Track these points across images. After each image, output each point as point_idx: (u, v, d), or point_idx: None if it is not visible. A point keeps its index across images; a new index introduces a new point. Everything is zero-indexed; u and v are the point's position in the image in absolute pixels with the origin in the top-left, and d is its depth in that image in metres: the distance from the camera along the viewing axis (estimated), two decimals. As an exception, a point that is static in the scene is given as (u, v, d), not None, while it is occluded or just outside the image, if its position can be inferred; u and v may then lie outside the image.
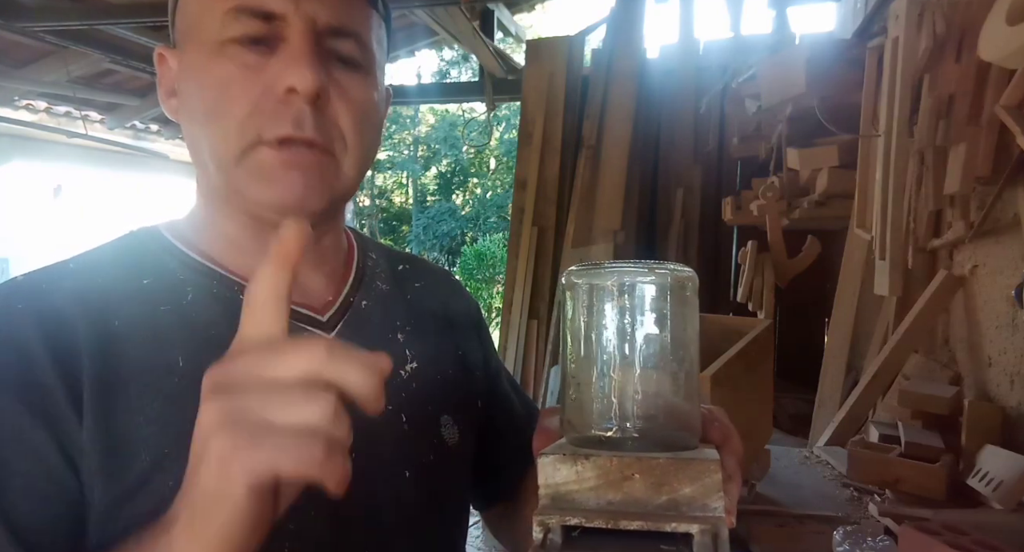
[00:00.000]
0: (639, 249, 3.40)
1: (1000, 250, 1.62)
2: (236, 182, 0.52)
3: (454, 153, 13.15)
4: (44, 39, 3.39)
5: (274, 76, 0.50)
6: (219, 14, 0.50)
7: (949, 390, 1.60)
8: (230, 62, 0.50)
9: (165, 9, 0.58)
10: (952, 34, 1.60)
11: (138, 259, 0.55)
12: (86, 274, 0.53)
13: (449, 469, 0.62)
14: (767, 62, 2.34)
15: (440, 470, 0.60)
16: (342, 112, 0.53)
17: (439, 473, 0.60)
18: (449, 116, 12.84)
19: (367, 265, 0.66)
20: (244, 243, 0.56)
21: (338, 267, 0.63)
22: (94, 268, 0.54)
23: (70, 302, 0.50)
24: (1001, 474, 1.28)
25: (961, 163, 1.55)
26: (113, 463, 0.46)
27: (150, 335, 0.50)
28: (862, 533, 1.10)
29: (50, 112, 5.50)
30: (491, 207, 12.76)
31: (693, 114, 3.37)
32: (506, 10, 4.17)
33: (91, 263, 0.54)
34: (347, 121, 0.53)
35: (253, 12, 0.50)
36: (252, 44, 0.50)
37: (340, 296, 0.60)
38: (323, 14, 0.51)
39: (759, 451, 1.42)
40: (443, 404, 0.63)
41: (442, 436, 0.61)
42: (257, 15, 0.50)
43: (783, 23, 3.30)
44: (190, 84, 0.53)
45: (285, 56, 0.50)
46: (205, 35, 0.51)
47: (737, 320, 1.58)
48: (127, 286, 0.53)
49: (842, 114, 2.01)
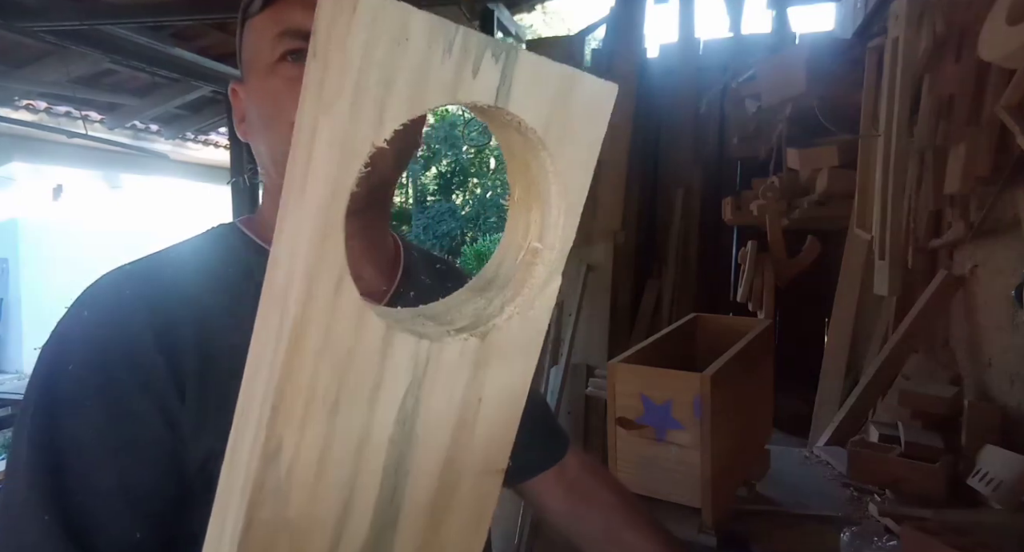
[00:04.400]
0: (639, 249, 3.40)
1: (1000, 250, 1.62)
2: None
3: (454, 153, 13.15)
4: (44, 39, 3.38)
5: None
6: (270, 40, 0.60)
7: (949, 390, 1.60)
8: (279, 78, 0.59)
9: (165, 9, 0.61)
10: (952, 34, 1.60)
11: (222, 252, 0.63)
12: (181, 264, 0.61)
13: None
14: (767, 62, 2.34)
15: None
16: None
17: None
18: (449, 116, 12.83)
19: (412, 260, 0.73)
20: None
21: (387, 260, 0.70)
22: (187, 259, 0.62)
23: (170, 289, 0.57)
24: (1001, 474, 1.28)
25: (961, 163, 1.55)
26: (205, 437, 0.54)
27: (236, 322, 0.55)
28: (869, 534, 1.10)
29: (50, 112, 5.50)
30: (491, 207, 12.74)
31: (693, 114, 3.36)
32: (506, 10, 4.17)
33: (184, 254, 0.62)
34: None
35: (296, 33, 0.59)
36: (296, 60, 0.59)
37: (393, 286, 0.68)
38: None
39: (759, 451, 1.42)
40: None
41: None
42: (297, 35, 0.59)
43: (783, 23, 3.30)
44: (251, 104, 0.63)
45: None
46: (261, 61, 0.61)
47: (737, 320, 1.58)
48: (215, 276, 0.60)
49: (842, 114, 2.01)
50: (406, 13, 0.22)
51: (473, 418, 0.29)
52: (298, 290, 0.23)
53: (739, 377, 1.21)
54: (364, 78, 0.22)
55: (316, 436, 0.26)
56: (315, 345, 0.24)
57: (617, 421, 1.17)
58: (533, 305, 0.29)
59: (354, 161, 0.23)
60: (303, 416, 0.25)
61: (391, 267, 0.70)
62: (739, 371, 1.20)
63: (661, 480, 1.15)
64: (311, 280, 0.23)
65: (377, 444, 0.28)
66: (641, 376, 1.15)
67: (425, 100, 0.23)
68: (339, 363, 0.25)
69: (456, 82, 0.23)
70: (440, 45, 0.23)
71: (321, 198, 0.23)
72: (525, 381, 0.30)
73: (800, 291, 2.89)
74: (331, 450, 0.27)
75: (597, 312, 3.12)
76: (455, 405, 0.29)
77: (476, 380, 0.29)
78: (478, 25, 3.56)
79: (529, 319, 0.29)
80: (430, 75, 0.23)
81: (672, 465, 1.13)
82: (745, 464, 1.33)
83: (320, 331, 0.24)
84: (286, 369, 0.24)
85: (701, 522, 1.13)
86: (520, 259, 0.30)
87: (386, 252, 0.71)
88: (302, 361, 0.24)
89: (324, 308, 0.24)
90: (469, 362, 0.28)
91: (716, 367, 1.10)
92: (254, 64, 0.62)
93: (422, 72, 0.23)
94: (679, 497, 1.14)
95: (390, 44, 0.22)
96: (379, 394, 0.27)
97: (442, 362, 0.28)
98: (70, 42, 3.44)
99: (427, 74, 0.23)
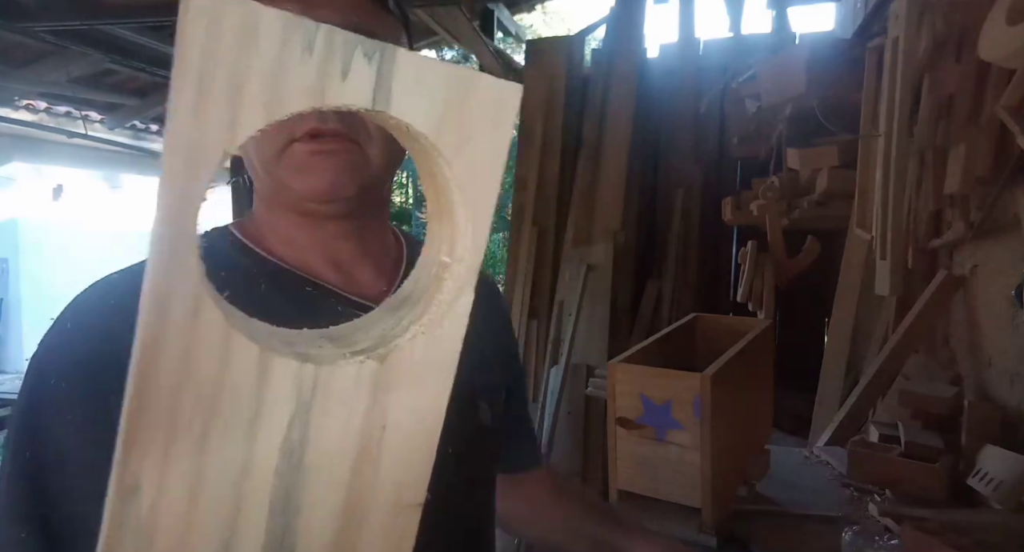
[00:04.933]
0: (639, 249, 3.40)
1: (1000, 250, 1.63)
2: (278, 178, 0.60)
3: (454, 153, 13.15)
4: (44, 39, 3.38)
5: None
6: None
7: (949, 390, 1.60)
8: None
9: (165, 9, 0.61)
10: (952, 34, 1.60)
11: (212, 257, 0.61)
12: None
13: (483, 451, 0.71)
14: (767, 62, 2.34)
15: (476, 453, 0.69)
16: None
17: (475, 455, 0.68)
18: (449, 116, 12.83)
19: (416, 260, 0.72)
20: (298, 239, 0.63)
21: (388, 261, 0.69)
22: None
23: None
24: (1001, 474, 1.28)
25: (961, 163, 1.55)
26: None
27: None
28: (870, 534, 1.10)
29: (50, 112, 5.50)
30: (491, 207, 12.75)
31: (693, 114, 3.36)
32: (506, 10, 4.17)
33: None
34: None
35: None
36: None
37: (393, 287, 0.66)
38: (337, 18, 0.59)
39: (759, 451, 1.42)
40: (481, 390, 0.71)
41: (479, 419, 0.70)
42: None
43: (783, 23, 3.30)
44: None
45: None
46: None
47: (737, 320, 1.58)
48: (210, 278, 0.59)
49: (842, 114, 2.01)
50: (252, 11, 0.20)
51: (377, 448, 0.27)
52: (146, 313, 0.21)
53: (739, 377, 1.21)
54: (207, 82, 0.20)
55: (183, 472, 0.24)
56: (171, 373, 0.22)
57: (617, 421, 1.17)
58: (442, 323, 0.27)
59: (202, 170, 0.21)
60: (164, 451, 0.23)
61: (393, 267, 0.70)
62: (739, 371, 1.20)
63: (661, 480, 1.15)
64: (160, 302, 0.21)
65: (260, 478, 0.25)
66: (641, 376, 1.15)
67: (285, 103, 0.21)
68: (204, 392, 0.23)
69: (322, 84, 0.22)
70: (297, 45, 0.21)
71: (168, 209, 0.21)
72: (439, 405, 0.28)
73: (800, 291, 2.89)
74: (203, 486, 0.25)
75: (597, 312, 3.12)
76: (353, 434, 0.26)
77: (378, 406, 0.27)
78: (478, 25, 3.55)
79: (437, 338, 0.27)
80: (288, 77, 0.21)
81: (672, 465, 1.13)
82: (745, 464, 1.33)
83: (176, 358, 0.22)
84: (137, 402, 0.22)
85: (701, 522, 1.13)
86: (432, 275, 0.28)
87: (388, 252, 0.70)
88: (156, 392, 0.22)
89: (179, 333, 0.22)
90: (368, 387, 0.26)
91: (716, 367, 1.10)
92: None
93: (278, 74, 0.21)
94: (679, 497, 1.14)
95: (235, 45, 0.20)
96: (258, 423, 0.25)
97: (333, 388, 0.26)
98: (70, 42, 3.44)
99: (284, 76, 0.21)
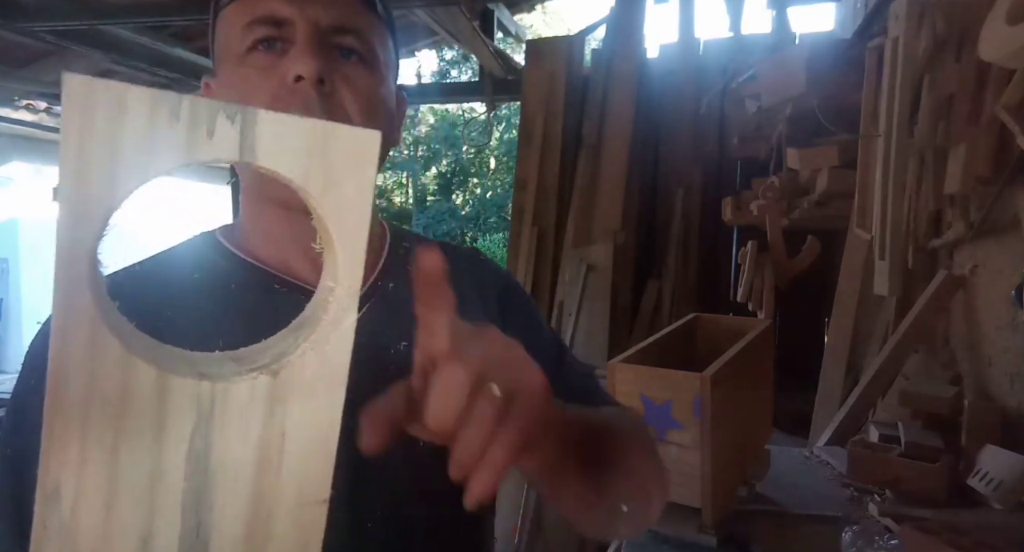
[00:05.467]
0: (639, 249, 3.40)
1: (1000, 250, 1.63)
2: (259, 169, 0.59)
3: (454, 153, 13.15)
4: (44, 39, 3.38)
5: (284, 70, 0.57)
6: (239, 30, 0.59)
7: (949, 390, 1.60)
8: (250, 67, 0.59)
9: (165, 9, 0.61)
10: (952, 34, 1.60)
11: (194, 258, 0.64)
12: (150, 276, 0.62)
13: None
14: (767, 62, 2.34)
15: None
16: (348, 99, 0.59)
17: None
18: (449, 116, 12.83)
19: (399, 253, 0.72)
20: (277, 234, 0.63)
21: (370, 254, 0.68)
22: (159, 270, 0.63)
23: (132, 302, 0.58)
24: (1001, 474, 1.28)
25: (961, 163, 1.55)
26: None
27: (196, 319, 0.58)
28: (870, 534, 1.10)
29: (50, 112, 5.50)
30: (491, 207, 12.74)
31: (693, 114, 3.36)
32: (506, 10, 4.17)
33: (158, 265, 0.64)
34: (354, 107, 0.59)
35: (265, 20, 0.58)
36: (267, 49, 0.59)
37: (369, 280, 0.66)
38: (325, 16, 0.59)
39: (759, 451, 1.42)
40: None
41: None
42: (268, 22, 0.58)
43: (783, 23, 3.30)
44: (222, 96, 0.61)
45: (293, 53, 0.58)
46: (232, 52, 0.60)
47: (737, 320, 1.58)
48: (182, 281, 0.62)
49: (842, 114, 2.01)
50: (119, 91, 0.24)
51: (279, 453, 0.31)
52: (53, 342, 0.26)
53: (739, 377, 1.21)
54: (87, 150, 0.24)
55: (98, 477, 0.28)
56: (79, 393, 0.26)
57: (617, 421, 1.17)
58: (328, 340, 0.31)
59: (89, 224, 0.25)
60: (79, 458, 0.27)
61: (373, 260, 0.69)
62: (739, 371, 1.20)
63: (661, 480, 1.15)
64: (64, 334, 0.26)
65: (171, 483, 0.29)
66: (641, 376, 1.15)
67: (158, 163, 0.25)
68: (110, 408, 0.27)
69: (191, 144, 0.26)
70: (164, 114, 0.25)
71: (62, 257, 0.25)
72: (333, 414, 0.32)
73: (800, 291, 2.89)
74: (118, 490, 0.28)
75: (597, 312, 3.12)
76: (252, 441, 0.30)
77: (274, 416, 0.30)
78: (478, 25, 3.55)
79: (325, 354, 0.31)
80: (158, 141, 0.25)
81: (672, 465, 1.13)
82: (745, 464, 1.33)
83: (83, 380, 0.26)
84: (51, 417, 0.26)
85: (701, 522, 1.13)
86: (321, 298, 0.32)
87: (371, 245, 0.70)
88: (68, 409, 0.26)
89: (82, 360, 0.26)
90: (263, 399, 0.30)
91: (716, 367, 1.10)
92: (226, 55, 0.61)
93: (149, 139, 0.25)
94: (679, 497, 1.14)
95: (107, 119, 0.24)
96: (164, 435, 0.28)
97: (230, 401, 0.29)
98: (70, 42, 3.44)
99: (155, 141, 0.25)
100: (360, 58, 0.61)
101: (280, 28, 0.58)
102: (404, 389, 0.39)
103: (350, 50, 0.60)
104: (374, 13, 0.63)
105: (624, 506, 0.59)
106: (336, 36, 0.59)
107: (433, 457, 0.61)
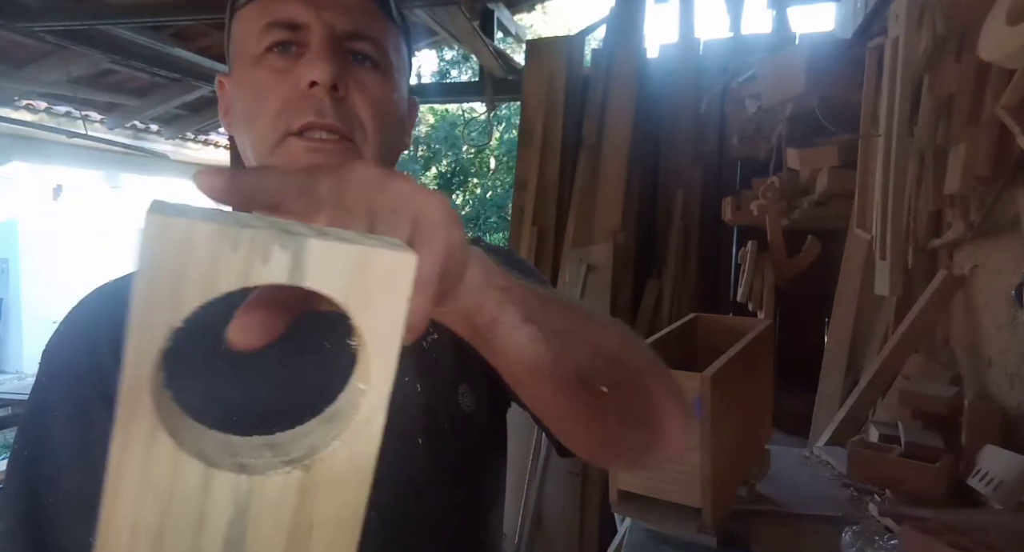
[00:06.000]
0: (639, 249, 3.40)
1: (1000, 250, 1.63)
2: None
3: (454, 153, 13.14)
4: (44, 39, 3.38)
5: (299, 75, 0.58)
6: (256, 32, 0.60)
7: (949, 390, 1.60)
8: (264, 69, 0.59)
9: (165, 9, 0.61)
10: (952, 34, 1.60)
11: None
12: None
13: (465, 437, 0.65)
14: (767, 62, 2.34)
15: (455, 438, 0.63)
16: (361, 104, 0.59)
17: (454, 441, 0.63)
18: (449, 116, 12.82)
19: None
20: None
21: None
22: None
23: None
24: (1001, 474, 1.28)
25: (961, 163, 1.55)
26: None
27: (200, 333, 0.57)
28: (870, 534, 1.10)
29: (50, 112, 5.50)
30: (491, 207, 12.74)
31: (693, 114, 3.36)
32: (506, 10, 4.17)
33: None
34: (366, 112, 0.59)
35: (282, 24, 0.59)
36: (282, 52, 0.59)
37: None
38: (341, 21, 0.59)
39: (759, 451, 1.42)
40: (462, 373, 0.65)
41: (459, 405, 0.65)
42: (285, 26, 0.59)
43: (783, 23, 3.30)
44: (236, 96, 0.63)
45: (308, 57, 0.58)
46: (247, 53, 0.61)
47: (737, 320, 1.58)
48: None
49: (842, 114, 2.00)
50: (189, 226, 0.27)
51: (306, 540, 0.34)
52: (117, 438, 0.29)
53: (739, 377, 1.21)
54: (157, 277, 0.28)
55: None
56: (134, 485, 0.29)
57: (617, 421, 1.17)
58: (359, 438, 0.33)
59: (154, 339, 0.28)
60: (128, 543, 0.30)
61: None
62: (739, 371, 1.20)
63: (661, 480, 1.15)
64: (125, 432, 0.29)
65: None
66: (641, 376, 1.15)
67: (217, 285, 0.28)
68: (160, 500, 0.30)
69: (247, 269, 0.28)
70: (226, 244, 0.28)
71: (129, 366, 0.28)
72: (358, 507, 0.34)
73: (800, 291, 2.89)
74: None
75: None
76: (284, 530, 0.33)
77: (304, 508, 0.33)
78: (478, 25, 3.55)
79: (355, 451, 0.33)
80: (219, 268, 0.28)
81: (672, 465, 1.13)
82: (745, 464, 1.33)
83: (137, 474, 0.29)
84: (109, 504, 0.29)
85: (701, 522, 1.13)
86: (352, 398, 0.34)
87: None
88: (123, 498, 0.29)
89: (140, 455, 0.29)
90: (294, 492, 0.32)
91: (716, 367, 1.10)
92: (241, 55, 0.62)
93: (211, 265, 0.28)
94: (679, 497, 1.14)
95: (176, 249, 0.28)
96: (204, 523, 0.31)
97: (265, 493, 0.32)
98: (70, 42, 3.44)
99: (216, 268, 0.28)
100: (374, 64, 0.61)
101: (296, 32, 0.59)
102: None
103: (364, 56, 0.61)
104: (389, 19, 0.64)
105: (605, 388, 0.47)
106: (351, 42, 0.60)
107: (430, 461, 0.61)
